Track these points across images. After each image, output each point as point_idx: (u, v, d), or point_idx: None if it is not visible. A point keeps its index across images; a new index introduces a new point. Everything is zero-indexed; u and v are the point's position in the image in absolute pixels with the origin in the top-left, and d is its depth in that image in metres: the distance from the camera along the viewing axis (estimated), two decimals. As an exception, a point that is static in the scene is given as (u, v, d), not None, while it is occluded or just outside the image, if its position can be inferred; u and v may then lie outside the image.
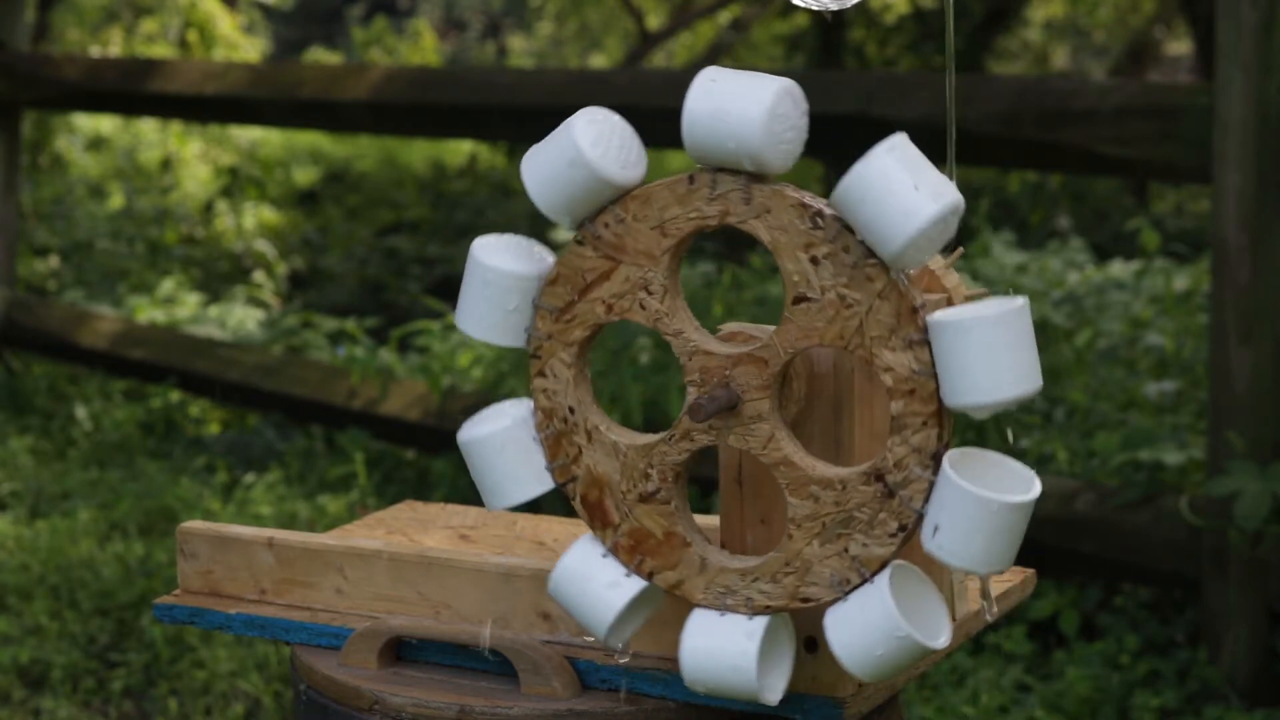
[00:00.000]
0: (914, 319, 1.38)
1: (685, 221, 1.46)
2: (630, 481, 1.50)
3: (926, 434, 1.39)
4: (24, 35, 6.10)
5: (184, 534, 1.79)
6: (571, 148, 1.45)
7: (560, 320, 1.51)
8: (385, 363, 5.01)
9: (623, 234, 1.48)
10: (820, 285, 1.41)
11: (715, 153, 1.41)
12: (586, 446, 1.51)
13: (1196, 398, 4.24)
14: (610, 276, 1.49)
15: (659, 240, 1.47)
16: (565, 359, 1.51)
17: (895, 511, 1.41)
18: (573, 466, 1.52)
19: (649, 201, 1.47)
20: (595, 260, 1.49)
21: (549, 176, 1.47)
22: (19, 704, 3.35)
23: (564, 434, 1.52)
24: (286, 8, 15.12)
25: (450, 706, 1.56)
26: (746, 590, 1.47)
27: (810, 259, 1.41)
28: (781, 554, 1.45)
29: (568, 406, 1.51)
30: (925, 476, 1.39)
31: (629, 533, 1.51)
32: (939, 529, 1.38)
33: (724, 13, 11.57)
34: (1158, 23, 11.50)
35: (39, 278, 7.18)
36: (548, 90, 4.44)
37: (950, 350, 1.37)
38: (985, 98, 3.51)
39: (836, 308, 1.41)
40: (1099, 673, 3.22)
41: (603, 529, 1.52)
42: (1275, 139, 3.10)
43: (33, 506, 4.50)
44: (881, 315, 1.39)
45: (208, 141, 10.43)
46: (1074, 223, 7.77)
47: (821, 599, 1.44)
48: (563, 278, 1.51)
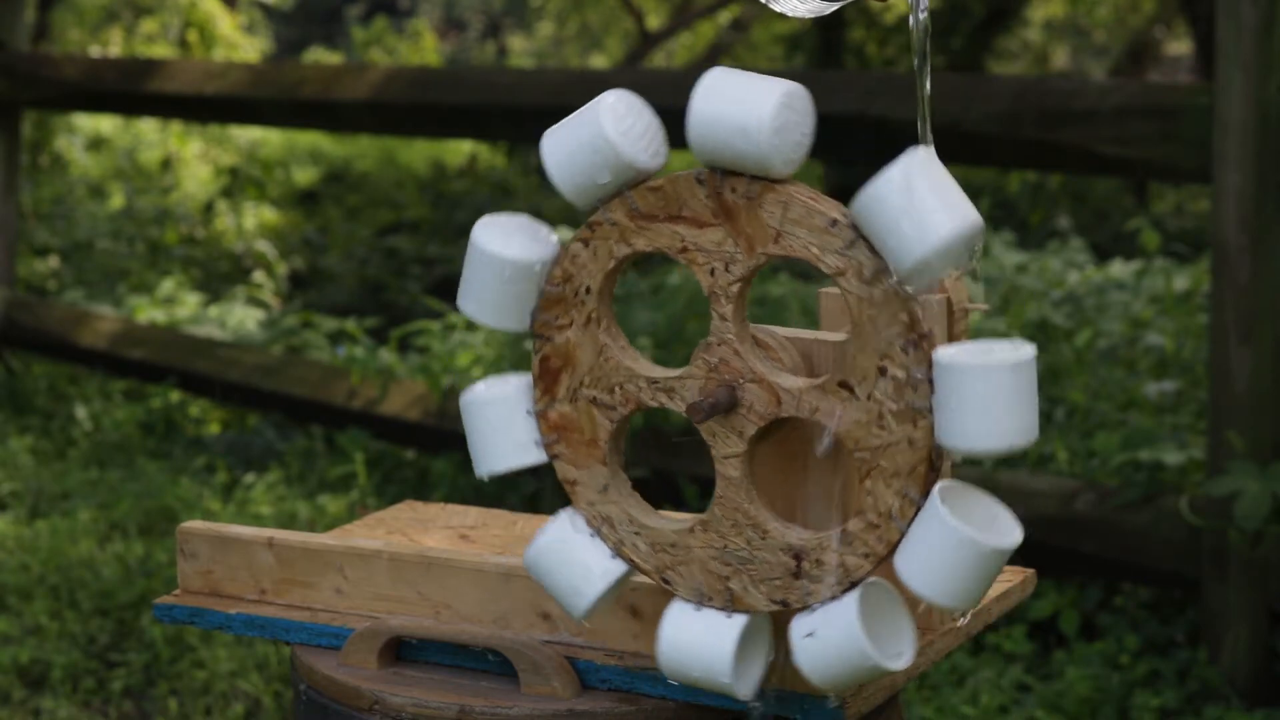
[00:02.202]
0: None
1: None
2: (596, 382, 1.50)
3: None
4: (24, 35, 6.10)
5: (184, 534, 1.79)
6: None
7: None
8: (385, 363, 5.01)
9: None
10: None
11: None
12: (580, 328, 1.50)
13: (1196, 398, 4.24)
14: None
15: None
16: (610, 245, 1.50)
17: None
18: (555, 329, 1.51)
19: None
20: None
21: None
22: (19, 704, 3.35)
23: (568, 301, 1.50)
24: (286, 8, 15.12)
25: (450, 706, 1.56)
26: (625, 535, 1.50)
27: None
28: (687, 530, 1.47)
29: (586, 286, 1.49)
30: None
31: (562, 415, 1.51)
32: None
33: (724, 13, 11.57)
34: (1158, 23, 11.50)
35: (39, 278, 7.18)
36: (548, 90, 4.44)
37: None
38: (985, 98, 3.51)
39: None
40: (1099, 673, 3.22)
41: (542, 395, 1.52)
42: (1275, 139, 3.10)
43: (33, 506, 4.50)
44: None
45: (208, 141, 10.43)
46: (1074, 223, 7.77)
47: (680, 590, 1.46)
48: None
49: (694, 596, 1.48)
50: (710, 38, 12.13)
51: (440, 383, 4.63)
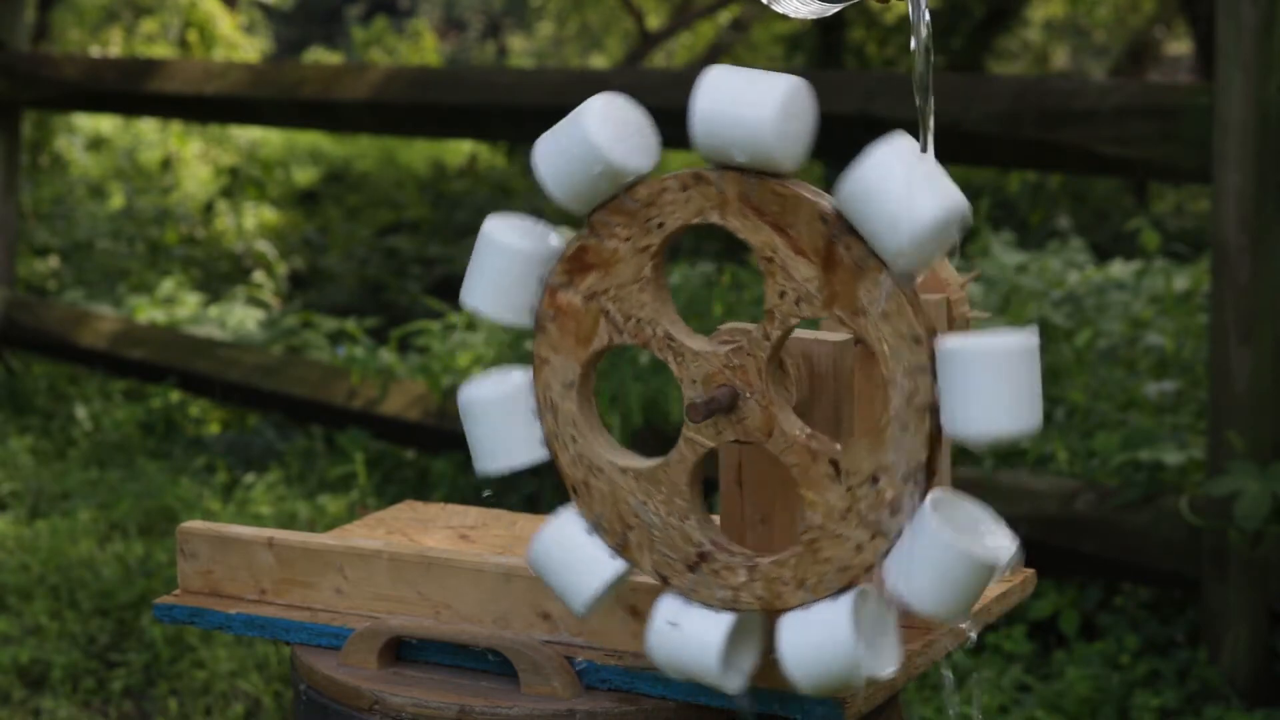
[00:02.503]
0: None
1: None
2: (619, 301, 1.49)
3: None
4: (24, 35, 6.10)
5: (184, 534, 1.79)
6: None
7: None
8: (385, 363, 5.01)
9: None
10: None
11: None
12: (634, 250, 1.48)
13: (1196, 398, 4.24)
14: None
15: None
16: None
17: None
18: (610, 234, 1.49)
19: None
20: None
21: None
22: (19, 704, 3.35)
23: (636, 219, 1.48)
24: (286, 8, 15.12)
25: (450, 706, 1.56)
26: (562, 432, 1.51)
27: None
28: (620, 469, 1.48)
29: (661, 222, 1.47)
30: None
31: (570, 304, 1.50)
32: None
33: (724, 13, 11.57)
34: (1158, 23, 11.50)
35: (39, 278, 7.18)
36: (548, 90, 4.44)
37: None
38: (985, 98, 3.51)
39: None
40: (1099, 673, 3.22)
41: (562, 274, 1.50)
42: (1275, 139, 3.10)
43: (33, 506, 4.50)
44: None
45: (208, 141, 10.43)
46: (1074, 223, 7.77)
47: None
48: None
49: (590, 519, 1.49)
50: (710, 38, 12.12)
51: (440, 383, 4.63)
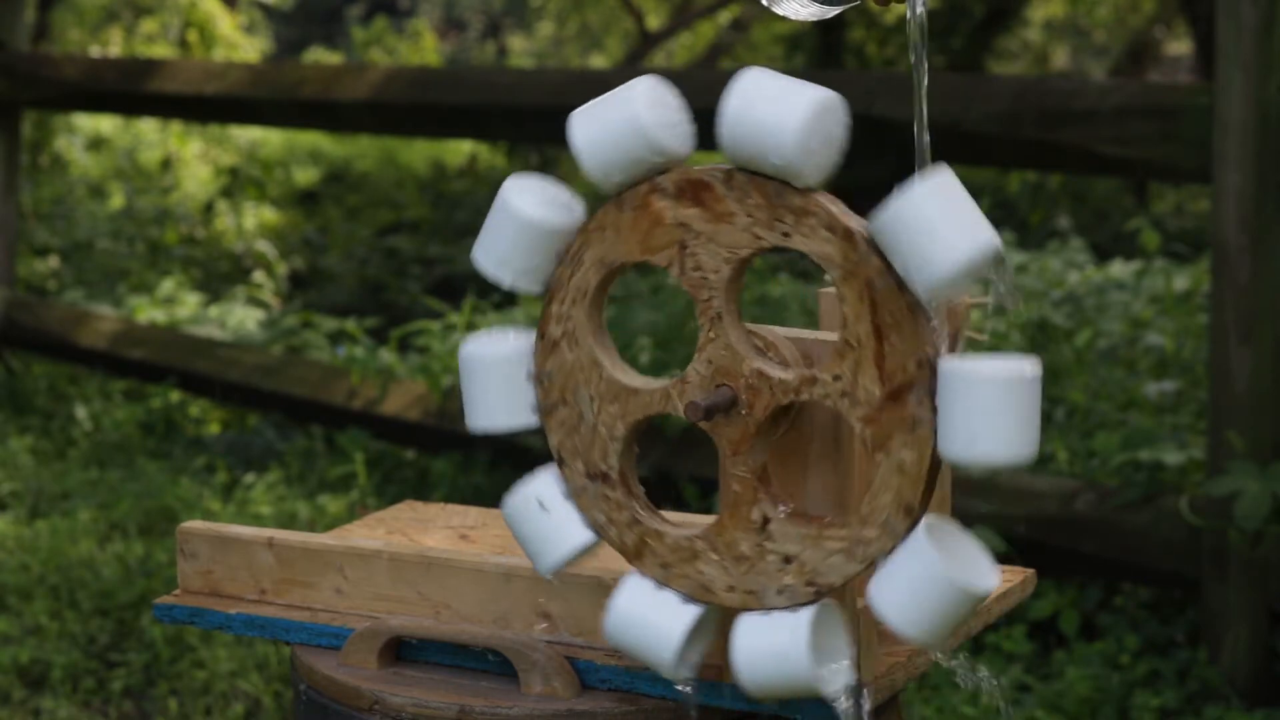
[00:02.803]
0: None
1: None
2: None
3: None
4: (24, 35, 6.10)
5: (184, 534, 1.79)
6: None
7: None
8: (385, 363, 5.01)
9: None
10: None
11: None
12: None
13: (1196, 398, 4.24)
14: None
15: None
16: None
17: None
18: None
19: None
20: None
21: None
22: (19, 704, 3.35)
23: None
24: (286, 8, 15.12)
25: (450, 706, 1.56)
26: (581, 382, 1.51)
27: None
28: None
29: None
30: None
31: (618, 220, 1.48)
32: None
33: (724, 13, 11.57)
34: (1158, 23, 11.50)
35: (39, 278, 7.18)
36: (548, 90, 4.44)
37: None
38: (985, 98, 3.51)
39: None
40: (1099, 673, 3.22)
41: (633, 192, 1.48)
42: (1275, 139, 3.10)
43: (33, 506, 4.50)
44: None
45: (208, 141, 10.43)
46: (1074, 223, 7.77)
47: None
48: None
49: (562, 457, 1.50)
50: (710, 38, 12.12)
51: (440, 383, 4.62)
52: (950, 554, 1.39)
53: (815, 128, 1.37)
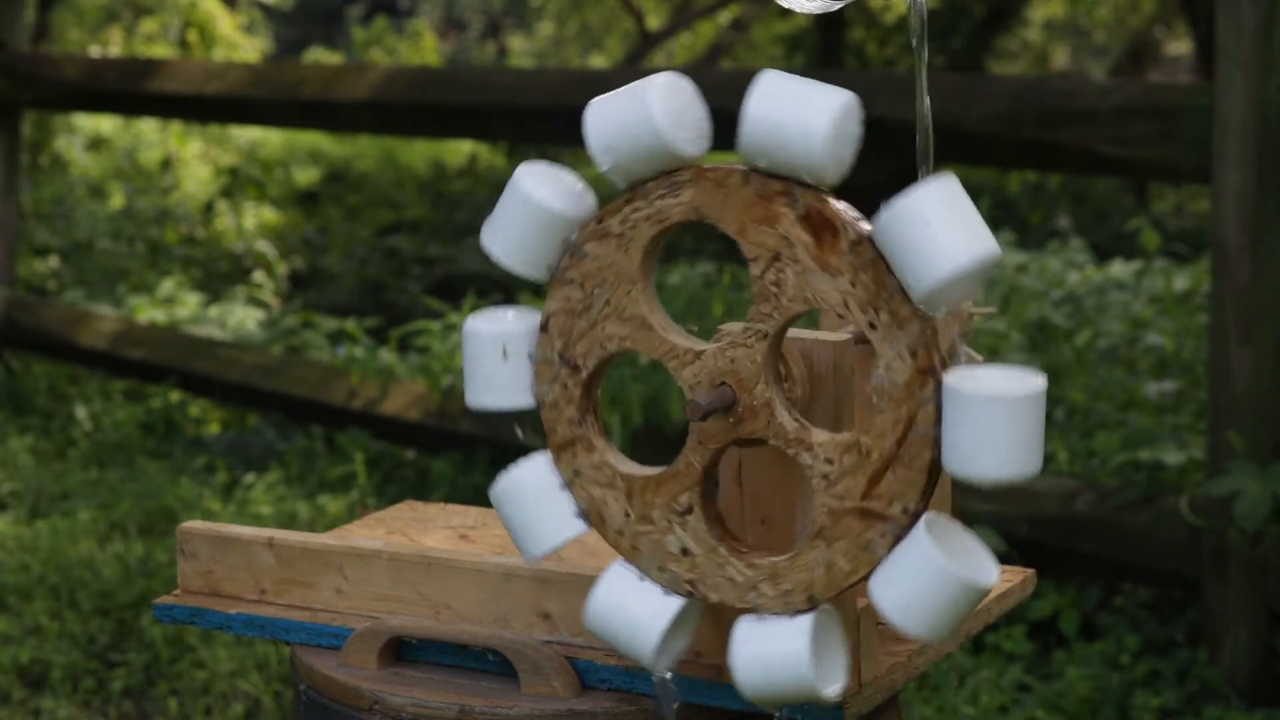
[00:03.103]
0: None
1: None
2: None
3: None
4: (24, 35, 6.10)
5: (184, 534, 1.79)
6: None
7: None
8: (385, 363, 5.01)
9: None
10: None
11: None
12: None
13: (1196, 398, 4.24)
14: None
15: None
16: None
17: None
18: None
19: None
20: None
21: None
22: (19, 704, 3.35)
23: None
24: (286, 8, 15.13)
25: (450, 706, 1.56)
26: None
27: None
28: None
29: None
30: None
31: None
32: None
33: (724, 13, 11.57)
34: (1158, 23, 11.50)
35: (39, 278, 7.18)
36: (548, 90, 4.44)
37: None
38: (985, 98, 3.51)
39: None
40: (1099, 673, 3.22)
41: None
42: (1275, 139, 3.10)
43: (33, 506, 4.50)
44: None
45: (208, 141, 10.43)
46: (1074, 223, 7.77)
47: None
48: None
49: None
50: (710, 38, 12.13)
51: (440, 383, 4.62)
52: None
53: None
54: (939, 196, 1.35)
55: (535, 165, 1.52)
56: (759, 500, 1.53)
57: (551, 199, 1.49)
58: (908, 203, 1.35)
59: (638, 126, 1.43)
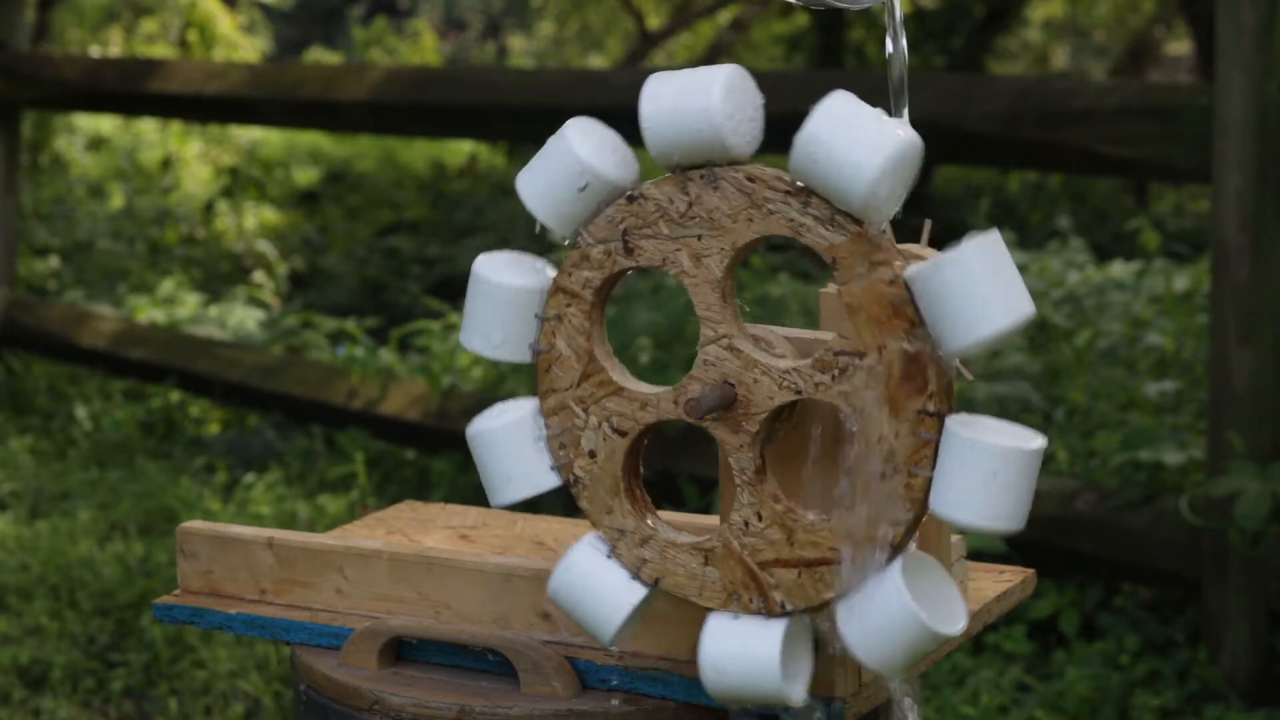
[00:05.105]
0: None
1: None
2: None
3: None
4: (24, 35, 6.10)
5: (184, 534, 1.79)
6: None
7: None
8: (385, 363, 5.01)
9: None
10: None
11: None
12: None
13: (1196, 398, 4.24)
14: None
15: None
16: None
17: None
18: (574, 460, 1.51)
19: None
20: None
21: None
22: (19, 704, 3.35)
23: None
24: (286, 8, 15.13)
25: (450, 706, 1.56)
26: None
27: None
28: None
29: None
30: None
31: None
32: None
33: (724, 13, 11.56)
34: (1158, 23, 11.50)
35: (39, 278, 7.18)
36: (548, 90, 4.44)
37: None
38: (985, 98, 3.51)
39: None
40: (1099, 673, 3.22)
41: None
42: (1275, 139, 3.10)
43: (33, 506, 4.50)
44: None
45: (208, 141, 10.43)
46: (1074, 223, 7.77)
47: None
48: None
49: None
50: (710, 38, 12.12)
51: (440, 383, 4.62)
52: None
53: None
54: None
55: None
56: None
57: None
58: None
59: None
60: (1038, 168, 5.03)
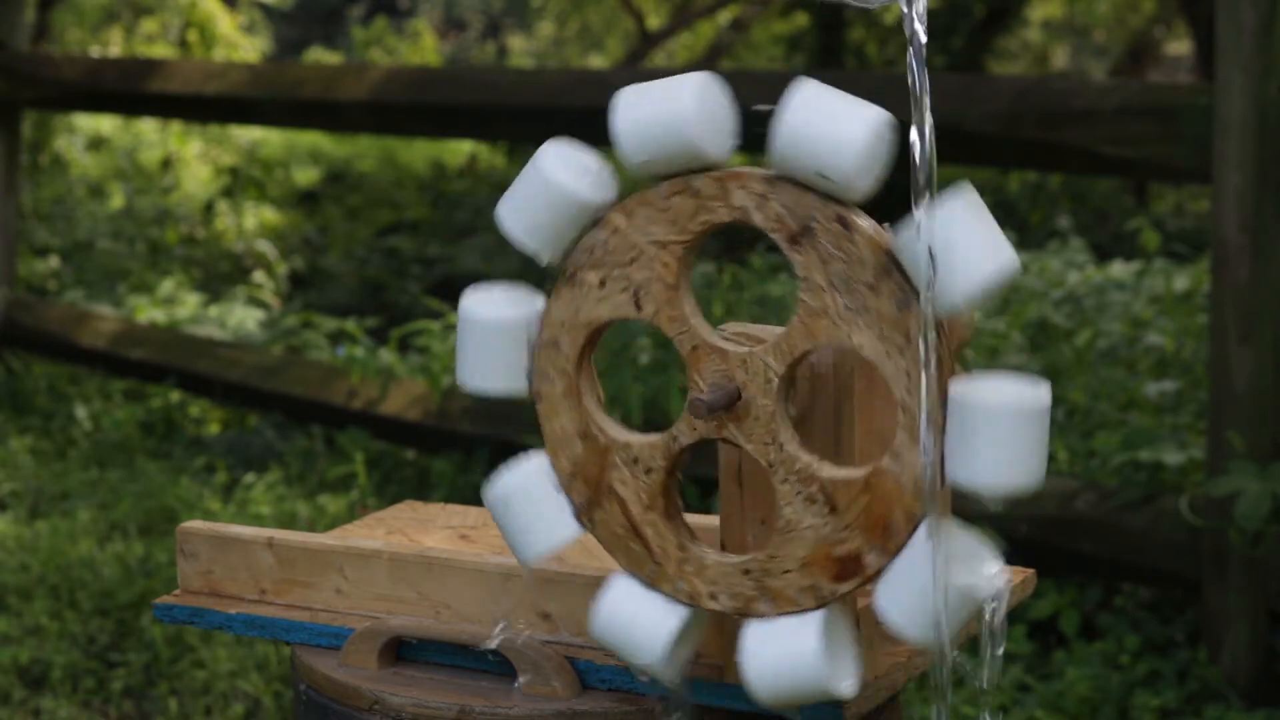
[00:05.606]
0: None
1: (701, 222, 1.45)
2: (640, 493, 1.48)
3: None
4: (24, 35, 6.10)
5: (184, 534, 1.79)
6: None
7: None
8: (385, 363, 5.01)
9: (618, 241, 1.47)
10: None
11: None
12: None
13: (1196, 398, 4.24)
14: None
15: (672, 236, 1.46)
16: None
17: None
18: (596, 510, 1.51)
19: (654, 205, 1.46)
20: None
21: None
22: (19, 704, 3.35)
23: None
24: (286, 8, 15.13)
25: (450, 706, 1.56)
26: (732, 585, 1.46)
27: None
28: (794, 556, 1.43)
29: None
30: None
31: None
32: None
33: (724, 13, 11.57)
34: (1158, 23, 11.50)
35: (39, 278, 7.18)
36: (548, 90, 4.44)
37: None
38: (985, 98, 3.51)
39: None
40: (1099, 673, 3.22)
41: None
42: (1275, 139, 3.10)
43: (33, 506, 4.50)
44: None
45: (208, 141, 10.43)
46: (1074, 223, 7.77)
47: (831, 594, 1.43)
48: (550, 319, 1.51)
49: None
50: (710, 38, 12.12)
51: (440, 383, 4.62)
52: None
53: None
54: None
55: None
56: (759, 500, 1.53)
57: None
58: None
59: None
60: (1038, 168, 5.03)
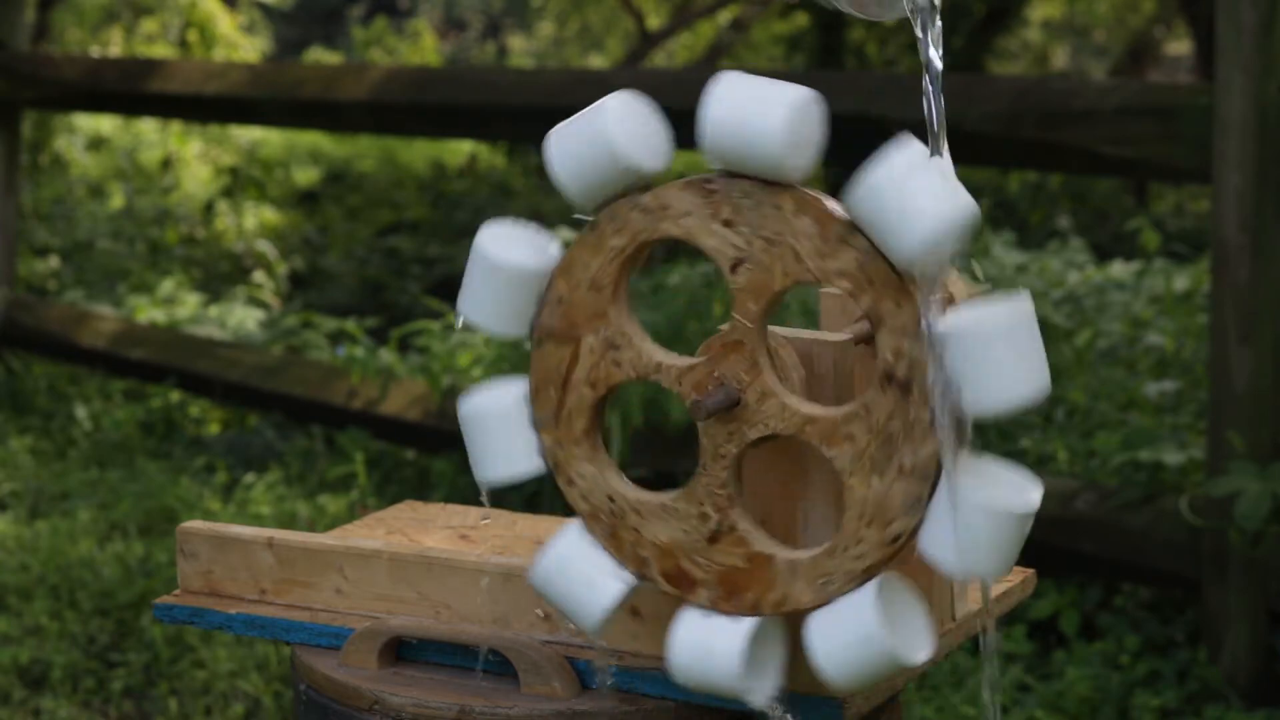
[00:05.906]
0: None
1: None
2: (693, 529, 1.48)
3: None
4: (24, 35, 6.10)
5: (184, 534, 1.79)
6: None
7: (560, 422, 1.50)
8: (385, 363, 5.01)
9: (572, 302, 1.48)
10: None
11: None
12: (640, 523, 1.49)
13: (1196, 398, 4.24)
14: (577, 355, 1.49)
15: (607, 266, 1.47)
16: (581, 453, 1.50)
17: (918, 405, 1.38)
18: (640, 553, 1.50)
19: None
20: (556, 350, 1.50)
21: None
22: (19, 704, 3.35)
23: (616, 527, 1.50)
24: (286, 8, 15.12)
25: (450, 706, 1.56)
26: (843, 565, 1.42)
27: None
28: (852, 510, 1.42)
29: (607, 496, 1.50)
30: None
31: (719, 580, 1.47)
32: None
33: (724, 13, 11.56)
34: (1158, 23, 11.50)
35: (39, 278, 7.18)
36: (548, 90, 4.44)
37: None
38: (985, 98, 3.51)
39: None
40: (1099, 673, 3.22)
41: (692, 592, 1.48)
42: (1275, 139, 3.10)
43: (33, 506, 4.50)
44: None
45: (208, 141, 10.43)
46: (1074, 223, 7.77)
47: (906, 530, 1.40)
48: (542, 382, 1.51)
49: (913, 509, 1.43)
50: (710, 38, 12.12)
51: (440, 383, 4.62)
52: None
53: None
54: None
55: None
56: (759, 500, 1.53)
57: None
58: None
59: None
60: (1038, 168, 5.03)
